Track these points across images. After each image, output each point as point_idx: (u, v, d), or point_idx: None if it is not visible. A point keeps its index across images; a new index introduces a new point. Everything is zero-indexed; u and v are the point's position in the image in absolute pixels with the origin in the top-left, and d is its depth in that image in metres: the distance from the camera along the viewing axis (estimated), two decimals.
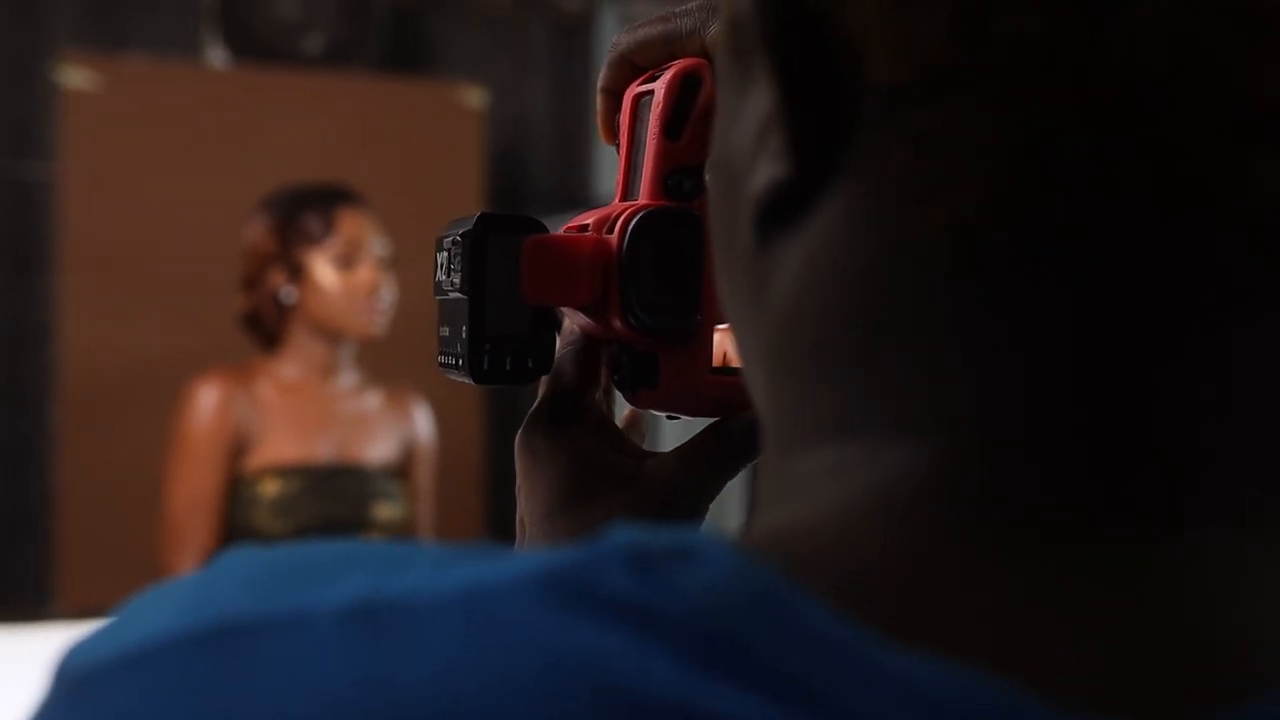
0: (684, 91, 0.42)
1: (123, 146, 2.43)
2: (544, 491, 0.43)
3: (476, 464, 2.64)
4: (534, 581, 0.20)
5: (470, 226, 0.42)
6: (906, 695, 0.19)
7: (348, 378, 1.90)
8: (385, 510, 1.86)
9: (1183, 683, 0.20)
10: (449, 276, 0.43)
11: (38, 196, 2.68)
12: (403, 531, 1.88)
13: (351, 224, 1.84)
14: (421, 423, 1.98)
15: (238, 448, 1.81)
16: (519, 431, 0.45)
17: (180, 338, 2.39)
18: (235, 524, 1.79)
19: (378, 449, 1.90)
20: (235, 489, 1.80)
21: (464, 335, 0.43)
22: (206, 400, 1.81)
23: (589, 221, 0.44)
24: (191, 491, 1.78)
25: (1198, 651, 0.21)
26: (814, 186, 0.23)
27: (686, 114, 0.42)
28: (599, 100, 0.46)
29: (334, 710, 0.20)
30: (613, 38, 0.46)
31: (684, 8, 0.43)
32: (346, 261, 1.82)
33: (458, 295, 0.43)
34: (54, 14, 2.72)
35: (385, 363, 1.99)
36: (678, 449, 0.44)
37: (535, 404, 0.46)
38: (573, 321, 0.46)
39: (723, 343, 0.44)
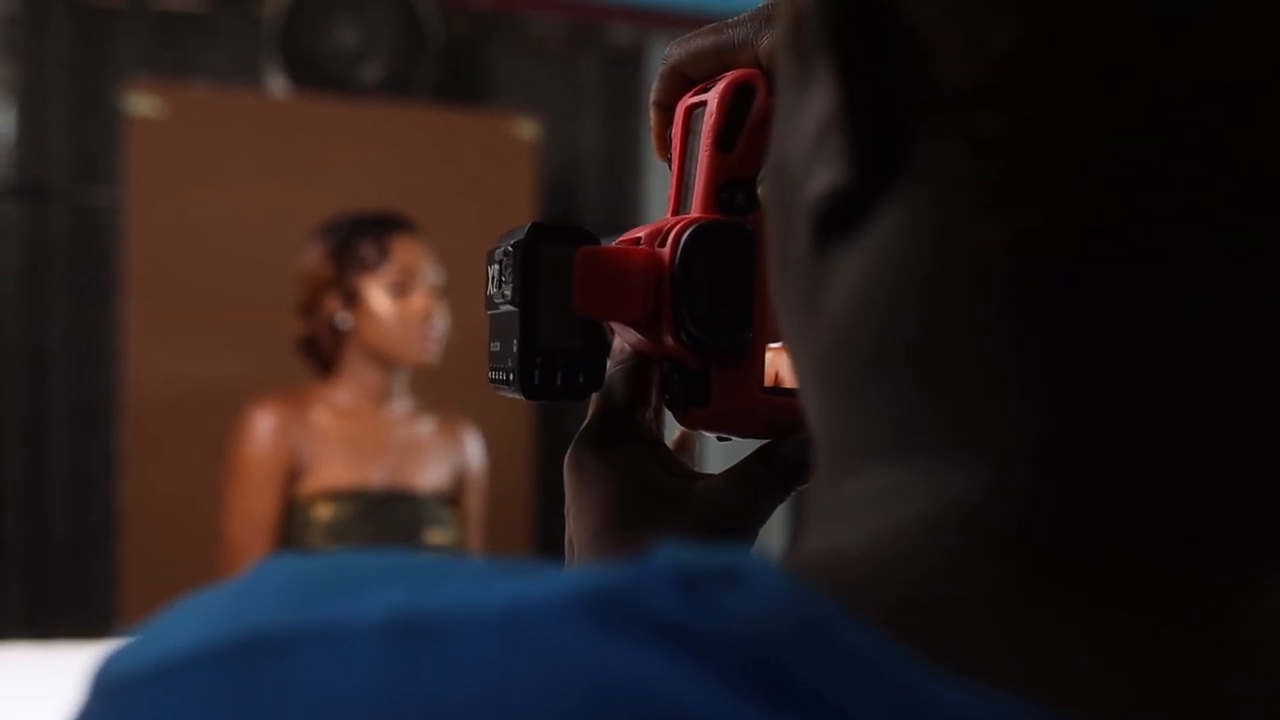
0: (737, 102, 0.41)
1: (186, 173, 2.48)
2: (593, 512, 0.42)
3: (527, 491, 2.64)
4: (577, 601, 0.20)
5: (522, 236, 0.41)
6: None
7: (401, 404, 1.91)
8: (437, 536, 1.87)
9: None
10: (500, 289, 0.42)
11: (103, 222, 2.74)
12: None
13: (406, 252, 1.85)
14: (473, 450, 1.99)
15: (293, 472, 1.83)
16: (568, 451, 0.44)
17: (245, 362, 2.43)
18: (290, 547, 1.80)
19: (430, 475, 1.91)
20: (290, 512, 1.82)
21: (515, 349, 0.42)
22: (262, 426, 1.83)
23: (641, 235, 0.43)
24: (248, 515, 1.80)
25: (1246, 691, 0.20)
26: (874, 192, 0.22)
27: (739, 125, 0.41)
28: (651, 114, 0.46)
29: None
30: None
31: (736, 18, 0.42)
32: (400, 289, 1.83)
33: (509, 308, 0.42)
34: (120, 43, 2.79)
35: (438, 390, 2.00)
36: (728, 471, 0.43)
37: (585, 423, 0.45)
38: (623, 339, 0.46)
39: (774, 362, 0.42)
